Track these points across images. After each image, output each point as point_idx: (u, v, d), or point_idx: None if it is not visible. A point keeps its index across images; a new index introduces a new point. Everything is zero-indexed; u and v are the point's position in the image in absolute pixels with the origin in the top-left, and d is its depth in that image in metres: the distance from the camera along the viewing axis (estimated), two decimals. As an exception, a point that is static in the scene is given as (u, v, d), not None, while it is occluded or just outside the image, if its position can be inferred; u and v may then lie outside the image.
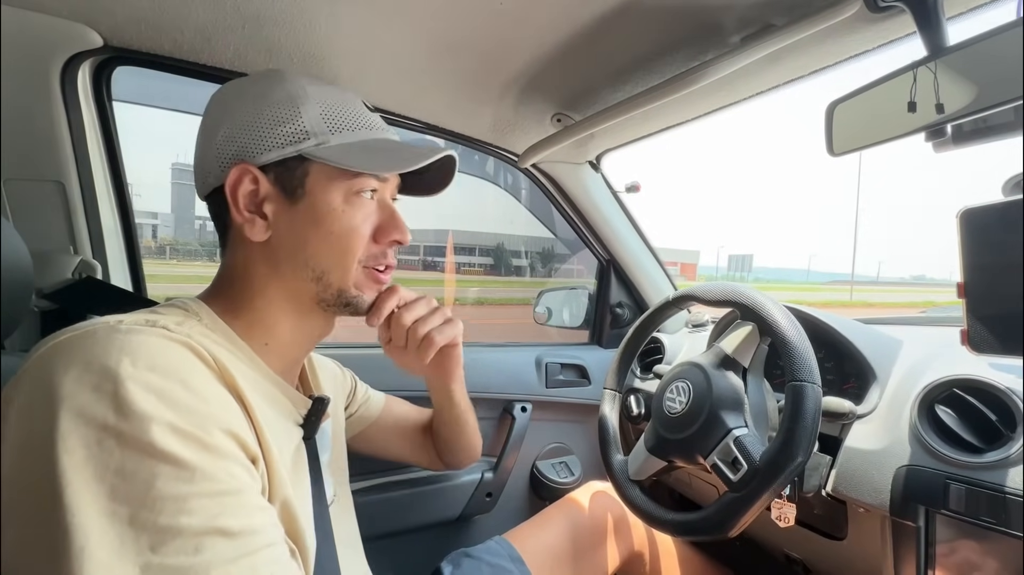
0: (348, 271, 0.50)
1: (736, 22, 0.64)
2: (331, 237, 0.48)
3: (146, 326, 0.38)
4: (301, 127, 0.47)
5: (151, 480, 0.32)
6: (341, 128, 0.49)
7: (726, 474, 0.63)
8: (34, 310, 0.73)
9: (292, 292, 0.50)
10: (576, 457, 1.22)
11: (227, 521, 0.34)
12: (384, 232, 0.52)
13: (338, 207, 0.48)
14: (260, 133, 0.47)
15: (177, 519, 0.32)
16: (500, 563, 0.78)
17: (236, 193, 0.47)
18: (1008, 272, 0.48)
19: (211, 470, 0.34)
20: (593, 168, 1.15)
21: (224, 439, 0.36)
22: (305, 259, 0.48)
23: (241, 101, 0.49)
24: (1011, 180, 0.55)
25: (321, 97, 0.49)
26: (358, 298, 0.51)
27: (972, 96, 0.51)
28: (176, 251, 24.66)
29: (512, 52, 0.74)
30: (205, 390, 0.37)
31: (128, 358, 0.35)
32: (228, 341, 0.46)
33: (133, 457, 0.32)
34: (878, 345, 0.77)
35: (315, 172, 0.48)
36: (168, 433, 0.33)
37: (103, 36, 0.69)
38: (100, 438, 0.32)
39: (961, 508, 0.58)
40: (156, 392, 0.34)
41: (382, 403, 0.82)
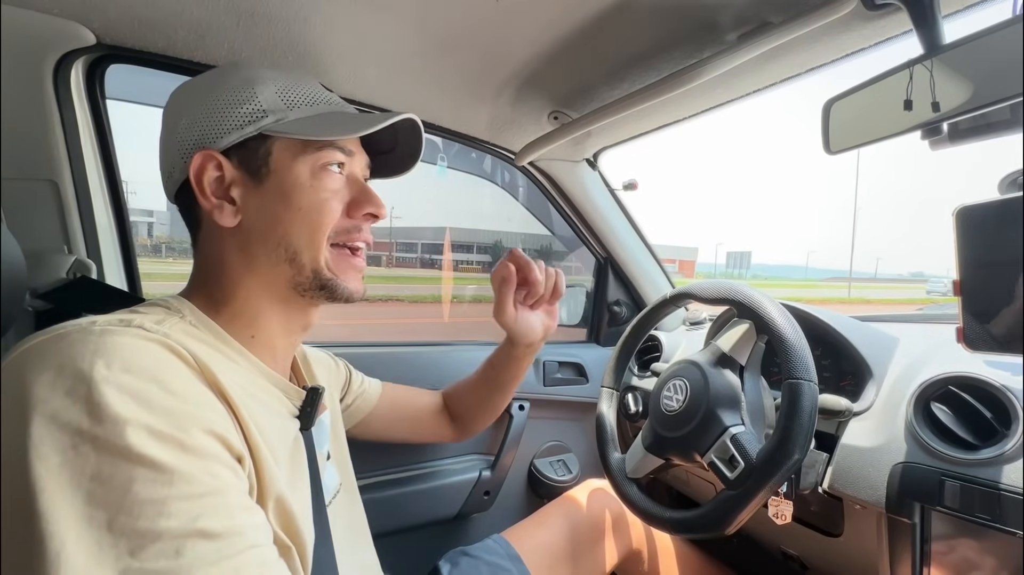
0: (319, 248, 0.48)
1: (733, 20, 0.64)
2: (300, 213, 0.47)
3: (120, 326, 0.37)
4: (258, 106, 0.47)
5: (128, 484, 0.31)
6: (298, 104, 0.49)
7: (723, 472, 0.63)
8: (28, 310, 0.72)
9: (268, 279, 0.49)
10: (574, 455, 1.22)
11: (208, 523, 0.33)
12: (357, 205, 0.51)
13: (305, 181, 0.48)
14: (218, 117, 0.47)
15: (156, 523, 0.31)
16: (498, 562, 0.78)
17: (201, 180, 0.46)
18: (1004, 270, 0.49)
19: (190, 471, 0.34)
20: (590, 166, 1.15)
21: (205, 439, 0.36)
22: (277, 240, 0.48)
23: (197, 92, 0.49)
24: (1007, 178, 0.55)
25: (276, 78, 0.50)
26: (333, 281, 0.50)
27: (968, 94, 0.51)
28: (172, 249, 24.58)
29: (509, 49, 0.74)
30: (183, 390, 0.37)
31: (102, 360, 0.34)
32: (214, 336, 0.45)
33: (109, 461, 0.31)
34: (874, 343, 0.78)
35: (278, 149, 0.48)
36: (145, 436, 0.33)
37: (96, 34, 0.69)
38: (75, 443, 0.31)
39: (956, 505, 0.58)
40: (131, 394, 0.33)
41: (379, 390, 0.83)
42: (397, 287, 15.73)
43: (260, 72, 0.49)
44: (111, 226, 0.85)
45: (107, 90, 0.80)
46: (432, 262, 23.94)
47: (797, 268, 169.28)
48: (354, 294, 0.52)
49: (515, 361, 0.81)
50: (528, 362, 0.83)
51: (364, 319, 7.45)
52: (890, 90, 0.57)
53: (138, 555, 0.30)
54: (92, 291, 0.74)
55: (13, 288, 0.51)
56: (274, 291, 0.49)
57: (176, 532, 0.31)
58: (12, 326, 0.54)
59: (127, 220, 0.87)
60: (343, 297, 0.51)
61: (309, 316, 0.53)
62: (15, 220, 0.74)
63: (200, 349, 0.40)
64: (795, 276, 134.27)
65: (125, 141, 0.89)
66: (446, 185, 1.14)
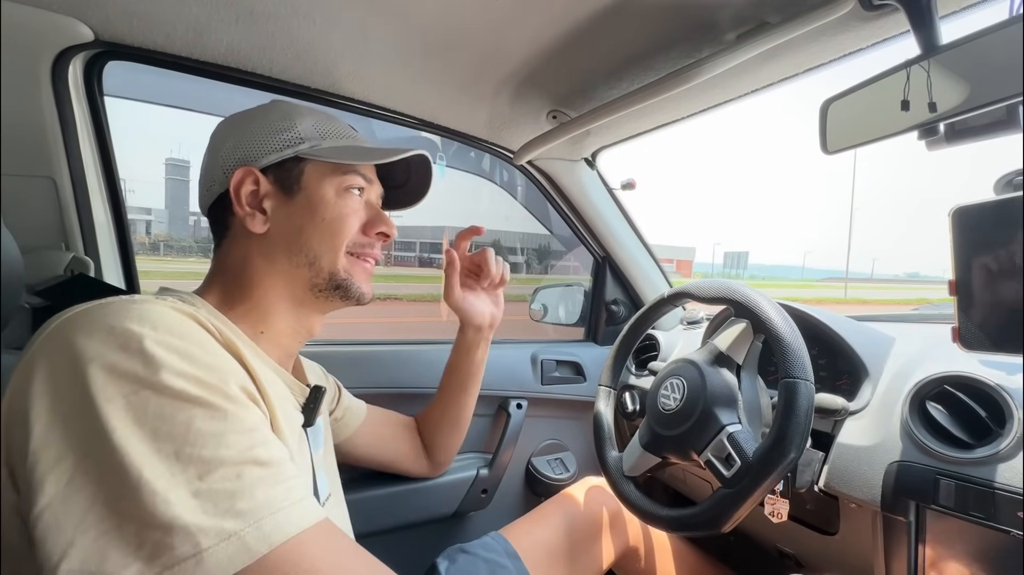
0: (337, 254, 0.55)
1: (731, 20, 0.64)
2: (323, 223, 0.54)
3: (156, 300, 0.42)
4: (297, 134, 0.55)
5: (189, 421, 0.36)
6: (330, 136, 0.57)
7: (720, 470, 0.63)
8: (25, 307, 0.72)
9: (287, 279, 0.54)
10: (571, 453, 1.22)
11: (260, 452, 0.38)
12: (372, 225, 0.58)
13: (330, 199, 0.55)
14: (261, 141, 0.54)
15: (218, 451, 0.36)
16: (496, 559, 0.79)
17: (239, 192, 0.53)
18: (999, 270, 0.49)
19: (238, 412, 0.39)
20: (589, 165, 1.15)
21: (240, 392, 0.41)
22: (300, 245, 0.54)
23: (245, 120, 0.57)
24: (1003, 178, 0.55)
25: (313, 113, 0.58)
26: (347, 281, 0.56)
27: (965, 94, 0.51)
28: (170, 247, 24.48)
29: (508, 48, 0.74)
30: (216, 351, 0.42)
31: (148, 322, 0.39)
32: (226, 327, 0.48)
33: (169, 403, 0.36)
34: (870, 342, 0.78)
35: (309, 171, 0.55)
36: (195, 384, 0.37)
37: (94, 30, 0.69)
38: (135, 389, 0.36)
39: (951, 503, 0.59)
40: (178, 352, 0.38)
41: (364, 412, 0.83)
42: (396, 286, 15.71)
43: (299, 107, 0.58)
44: (109, 224, 0.84)
45: (105, 87, 0.80)
46: (431, 261, 23.91)
47: (794, 268, 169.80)
48: (365, 295, 0.58)
49: (468, 351, 0.83)
50: (480, 354, 0.84)
51: (364, 319, 7.45)
52: (887, 90, 0.57)
53: (206, 478, 0.35)
54: (89, 288, 0.74)
55: (10, 285, 0.51)
56: (290, 292, 0.55)
57: (235, 459, 0.36)
58: (9, 323, 0.54)
59: (125, 217, 0.87)
60: (355, 296, 0.57)
61: (315, 321, 0.59)
62: (12, 217, 0.74)
63: (222, 327, 0.45)
64: (792, 276, 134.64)
65: (123, 139, 0.89)
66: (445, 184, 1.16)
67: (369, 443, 0.83)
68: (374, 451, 0.84)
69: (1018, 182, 0.54)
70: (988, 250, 0.50)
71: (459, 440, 0.90)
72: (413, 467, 0.90)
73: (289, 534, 0.36)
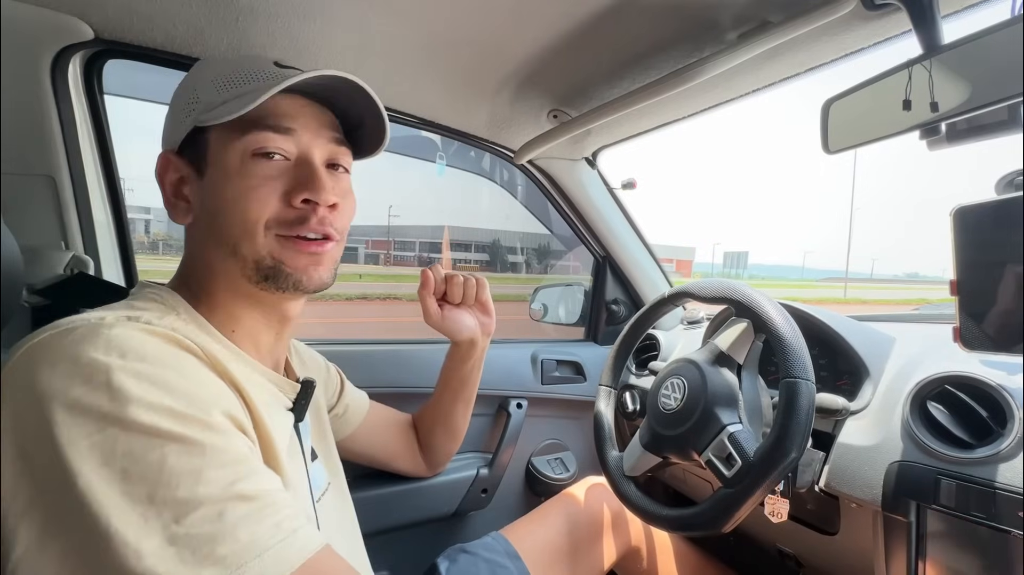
0: (254, 237, 0.45)
1: (733, 19, 0.64)
2: (230, 203, 0.45)
3: (128, 322, 0.38)
4: (195, 97, 0.47)
5: (162, 459, 0.32)
6: (230, 87, 0.46)
7: (720, 470, 0.63)
8: (25, 306, 0.72)
9: (225, 274, 0.47)
10: (571, 453, 1.22)
11: (244, 486, 0.34)
12: (293, 191, 0.46)
13: (234, 170, 0.45)
14: (172, 116, 0.48)
15: (195, 490, 0.32)
16: (496, 559, 0.78)
17: (163, 181, 0.48)
18: (1000, 270, 0.49)
19: (219, 443, 0.35)
20: (589, 164, 1.15)
21: (224, 419, 0.37)
22: (220, 231, 0.46)
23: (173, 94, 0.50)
24: (1004, 178, 0.55)
25: (218, 64, 0.48)
26: (277, 266, 0.46)
27: (967, 94, 0.51)
28: (169, 247, 24.47)
29: (508, 48, 0.74)
30: (197, 376, 0.38)
31: (116, 351, 0.35)
32: (204, 332, 0.46)
33: (139, 440, 0.33)
34: (871, 342, 0.78)
35: (213, 140, 0.46)
36: (168, 417, 0.34)
37: (94, 28, 0.68)
38: (101, 426, 0.32)
39: (952, 503, 0.59)
40: (150, 380, 0.34)
41: (366, 408, 0.81)
42: (396, 285, 15.69)
43: (209, 62, 0.49)
44: (109, 222, 0.84)
45: (105, 85, 0.80)
46: (430, 261, 23.97)
47: (794, 268, 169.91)
48: (306, 281, 0.48)
49: (460, 362, 0.80)
50: (471, 365, 0.80)
51: (363, 318, 7.45)
52: (889, 90, 0.57)
53: (183, 522, 0.31)
54: (89, 287, 0.74)
55: (10, 284, 0.51)
56: (234, 285, 0.48)
57: (216, 497, 0.33)
58: (9, 322, 0.54)
59: (125, 216, 0.87)
60: (290, 284, 0.47)
61: (282, 309, 0.51)
62: (12, 215, 0.73)
63: (205, 341, 0.41)
64: (792, 276, 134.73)
65: (123, 137, 0.89)
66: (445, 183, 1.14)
67: (369, 440, 0.82)
68: (373, 449, 0.83)
69: (1019, 182, 0.54)
70: (989, 250, 0.50)
71: (456, 445, 0.89)
72: (410, 466, 0.89)
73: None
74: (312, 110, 0.49)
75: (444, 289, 0.75)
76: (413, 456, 0.88)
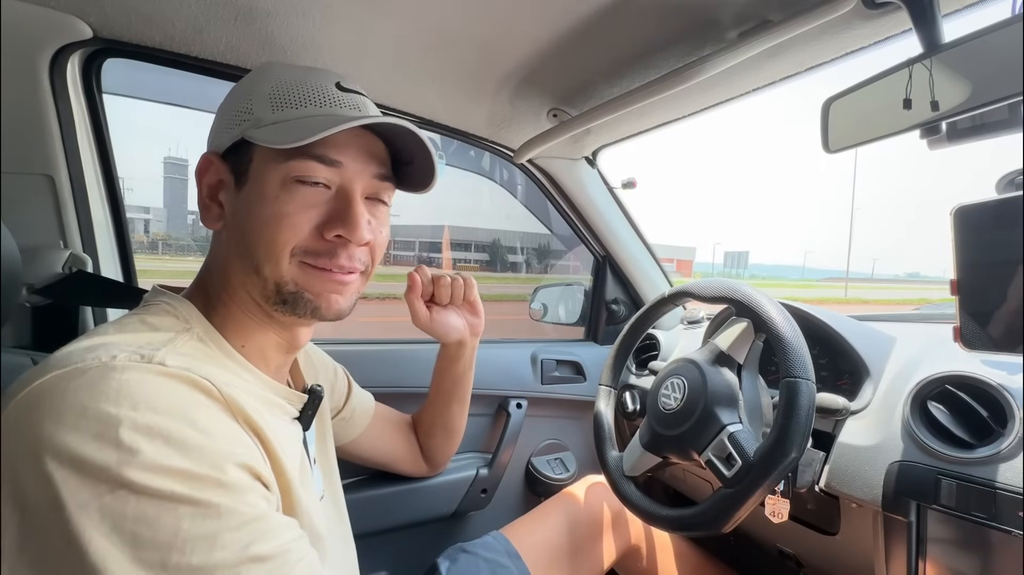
0: (279, 262, 0.45)
1: (733, 18, 0.64)
2: (260, 224, 0.45)
3: (141, 362, 0.36)
4: (247, 107, 0.45)
5: (176, 523, 0.32)
6: (287, 106, 0.45)
7: (720, 470, 0.63)
8: (25, 305, 0.72)
9: (244, 286, 0.47)
10: (571, 453, 1.22)
11: (259, 547, 0.34)
12: (328, 225, 0.46)
13: (271, 192, 0.44)
14: (223, 118, 0.47)
15: (211, 556, 0.32)
16: (496, 558, 0.78)
17: (200, 181, 0.47)
18: (1001, 269, 0.49)
19: (233, 504, 0.34)
20: (589, 164, 1.15)
21: (239, 473, 0.36)
22: (246, 248, 0.46)
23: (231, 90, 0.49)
24: (1005, 177, 0.55)
25: (280, 74, 0.47)
26: (298, 294, 0.46)
27: (967, 93, 0.51)
28: (168, 246, 24.44)
29: (508, 46, 0.73)
30: (212, 427, 0.36)
31: (127, 401, 0.33)
32: (220, 350, 0.45)
33: (151, 503, 0.31)
34: (872, 342, 0.78)
35: (258, 156, 0.45)
36: (182, 479, 0.33)
37: (92, 27, 0.68)
38: (111, 488, 0.31)
39: (952, 503, 0.58)
40: (163, 436, 0.33)
41: (372, 411, 0.81)
42: (395, 285, 15.69)
43: (272, 69, 0.48)
44: (107, 221, 0.84)
45: (104, 84, 0.79)
46: (430, 260, 23.92)
47: (794, 268, 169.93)
48: (324, 311, 0.47)
49: (451, 362, 0.79)
50: (465, 364, 0.80)
51: (361, 318, 7.43)
52: (889, 89, 0.57)
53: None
54: (88, 286, 0.74)
55: (9, 283, 0.51)
56: (252, 300, 0.47)
57: (231, 562, 0.32)
58: (8, 321, 0.54)
59: (123, 215, 0.86)
60: (308, 312, 0.47)
61: (295, 332, 0.51)
62: (11, 214, 0.73)
63: (220, 375, 0.40)
64: (792, 276, 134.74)
65: (122, 136, 0.89)
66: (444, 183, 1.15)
67: (373, 443, 0.81)
68: (377, 451, 0.83)
69: (1019, 181, 0.54)
70: (990, 249, 0.50)
71: (454, 446, 0.89)
72: (412, 467, 0.89)
73: None
74: (364, 141, 0.47)
75: (432, 291, 0.73)
76: (415, 457, 0.88)
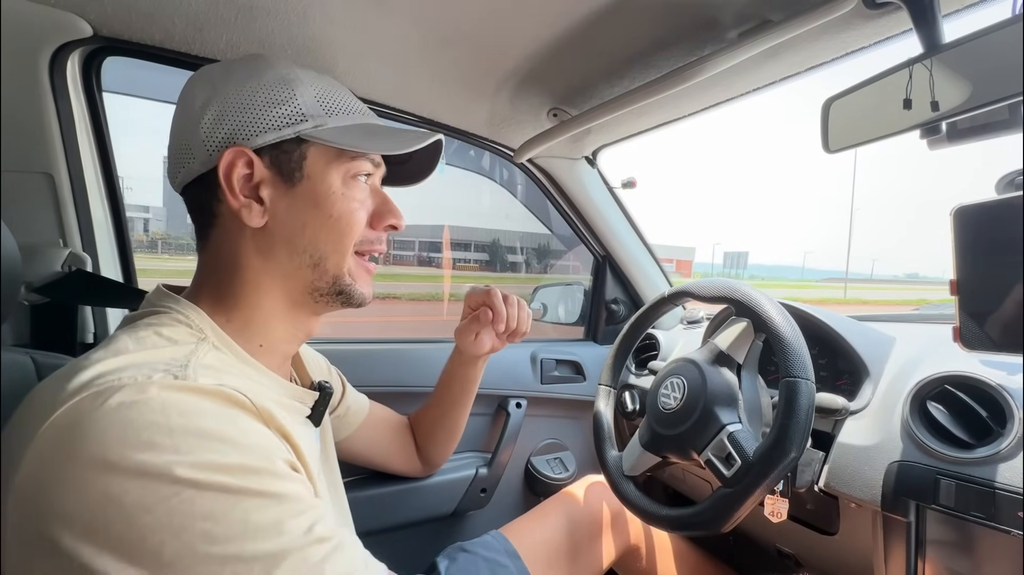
0: (345, 255, 0.49)
1: (733, 17, 0.64)
2: (331, 220, 0.48)
3: (176, 382, 0.36)
4: (297, 109, 0.47)
5: (244, 515, 0.33)
6: (335, 112, 0.49)
7: (720, 470, 0.63)
8: (24, 304, 0.72)
9: (286, 281, 0.48)
10: (571, 453, 1.22)
11: (320, 529, 0.36)
12: (380, 217, 0.52)
13: (337, 190, 0.48)
14: (255, 115, 0.46)
15: (280, 541, 0.34)
16: (496, 558, 0.78)
17: (231, 177, 0.45)
18: (1000, 270, 0.49)
19: (291, 491, 0.36)
20: (589, 164, 1.15)
21: (284, 466, 0.38)
22: (304, 244, 0.48)
23: (230, 83, 0.47)
24: (1005, 178, 0.55)
25: (314, 81, 0.49)
26: (351, 287, 0.50)
27: (967, 93, 0.51)
28: (168, 245, 24.43)
29: (508, 46, 0.73)
30: (255, 429, 0.38)
31: (174, 411, 0.34)
32: (237, 357, 0.45)
33: (217, 499, 0.33)
34: (871, 342, 0.78)
35: (313, 155, 0.48)
36: (242, 474, 0.34)
37: (92, 25, 0.68)
38: (176, 491, 0.32)
39: (951, 503, 0.59)
40: (216, 437, 0.35)
41: (366, 409, 0.81)
42: (394, 284, 15.70)
43: (296, 72, 0.48)
44: (107, 220, 0.84)
45: (103, 83, 0.79)
46: (430, 260, 23.90)
47: (793, 269, 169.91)
48: (366, 298, 0.53)
49: (466, 367, 0.81)
50: (475, 374, 0.82)
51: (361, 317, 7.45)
52: (889, 89, 0.57)
53: (273, 572, 0.33)
54: (88, 284, 0.74)
55: (9, 281, 0.51)
56: (287, 294, 0.49)
57: (299, 544, 0.35)
58: (7, 320, 0.54)
59: (123, 214, 0.86)
60: (358, 302, 0.52)
61: (313, 323, 0.53)
62: (10, 213, 0.73)
63: (245, 385, 0.40)
64: (791, 276, 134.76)
65: (121, 135, 0.88)
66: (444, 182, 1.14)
67: (367, 442, 0.81)
68: (370, 450, 0.83)
69: (1019, 182, 0.54)
70: (989, 250, 0.50)
71: (452, 447, 0.89)
72: (406, 467, 0.89)
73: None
74: None
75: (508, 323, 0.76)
76: (409, 457, 0.88)
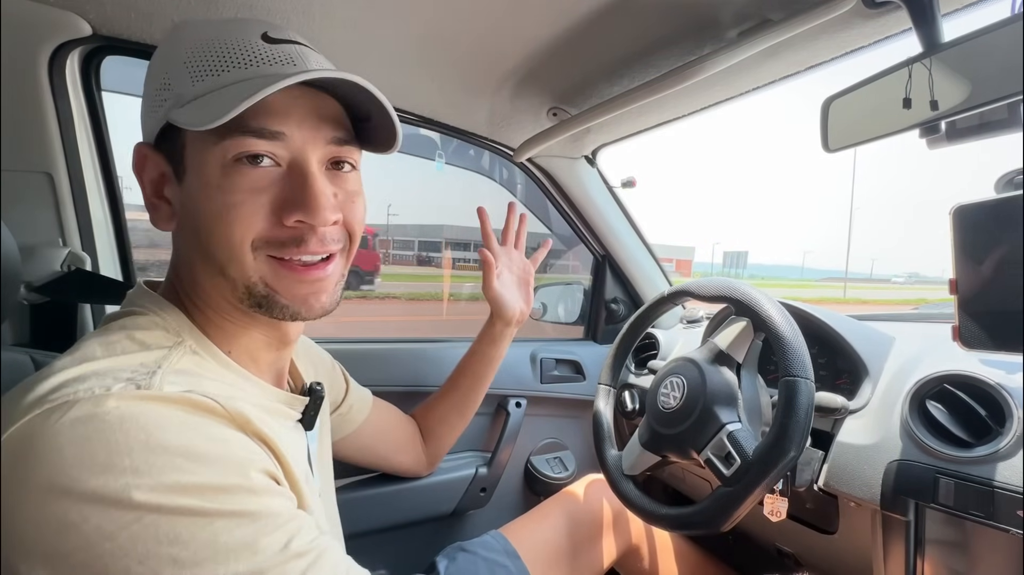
0: (241, 260, 0.39)
1: (733, 17, 0.64)
2: (211, 220, 0.39)
3: (138, 393, 0.33)
4: (165, 82, 0.39)
5: (213, 538, 0.31)
6: (206, 74, 0.38)
7: (719, 469, 0.63)
8: (23, 303, 0.72)
9: (216, 292, 0.42)
10: (571, 452, 1.22)
11: (298, 544, 0.34)
12: (285, 208, 0.39)
13: (213, 180, 0.38)
14: (146, 103, 0.40)
15: (254, 560, 0.32)
16: (495, 558, 0.78)
17: (141, 177, 0.42)
18: (1000, 269, 0.49)
19: (265, 507, 0.34)
20: (589, 163, 1.15)
21: (262, 477, 0.35)
22: (205, 248, 0.40)
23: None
24: (1004, 177, 0.55)
25: (195, 37, 0.39)
26: (272, 297, 0.41)
27: (967, 93, 0.51)
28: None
29: (508, 45, 0.73)
30: (225, 437, 0.35)
31: (133, 426, 0.31)
32: (214, 360, 0.42)
33: (182, 522, 0.30)
34: (871, 341, 0.78)
35: (190, 140, 0.39)
36: (210, 494, 0.31)
37: (92, 24, 0.68)
38: (136, 516, 0.29)
39: (950, 502, 0.59)
40: (181, 453, 0.31)
41: (369, 407, 0.80)
42: (394, 284, 15.70)
43: (185, 30, 0.40)
44: (106, 220, 0.84)
45: (103, 82, 0.79)
46: (429, 259, 23.89)
47: (793, 268, 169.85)
48: (305, 314, 0.42)
49: (492, 342, 0.86)
50: (502, 347, 0.87)
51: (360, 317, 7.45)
52: (889, 88, 0.57)
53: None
54: (87, 284, 0.74)
55: (8, 281, 0.51)
56: (227, 305, 0.43)
57: (275, 562, 0.32)
58: (7, 319, 0.54)
59: (123, 214, 0.86)
60: (291, 314, 0.42)
61: (282, 330, 0.47)
62: (9, 212, 0.73)
63: (220, 389, 0.38)
64: (791, 276, 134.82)
65: (121, 134, 0.88)
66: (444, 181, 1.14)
67: (370, 438, 0.81)
68: (373, 447, 0.82)
69: (1018, 181, 0.54)
70: (989, 249, 0.50)
71: (459, 432, 0.91)
72: (409, 463, 0.89)
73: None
74: (309, 101, 0.40)
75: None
76: (412, 453, 0.88)
